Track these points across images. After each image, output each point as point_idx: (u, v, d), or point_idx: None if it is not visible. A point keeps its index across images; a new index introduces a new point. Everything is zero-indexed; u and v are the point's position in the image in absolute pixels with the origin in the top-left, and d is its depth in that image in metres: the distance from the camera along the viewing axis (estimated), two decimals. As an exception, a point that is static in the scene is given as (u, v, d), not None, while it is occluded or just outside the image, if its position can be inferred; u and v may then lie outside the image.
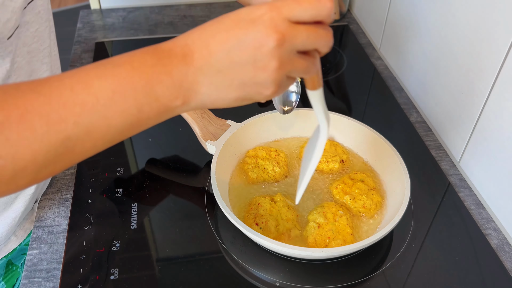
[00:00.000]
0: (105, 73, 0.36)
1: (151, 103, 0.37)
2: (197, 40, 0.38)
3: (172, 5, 1.21)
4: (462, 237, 0.65)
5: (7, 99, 0.34)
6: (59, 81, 0.35)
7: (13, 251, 0.67)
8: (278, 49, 0.37)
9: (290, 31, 0.37)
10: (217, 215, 0.66)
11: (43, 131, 0.34)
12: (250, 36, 0.36)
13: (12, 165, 0.34)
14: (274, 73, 0.38)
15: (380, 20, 1.03)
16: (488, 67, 0.67)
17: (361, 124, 0.73)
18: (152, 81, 0.36)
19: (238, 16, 0.38)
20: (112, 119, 0.36)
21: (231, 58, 0.37)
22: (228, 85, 0.38)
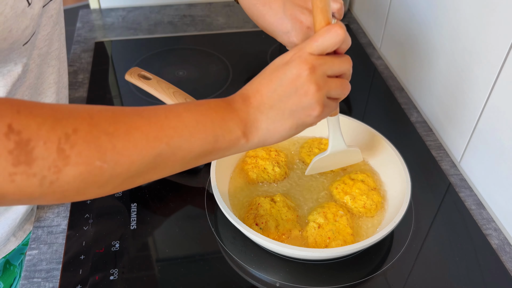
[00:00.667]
0: (190, 108, 0.44)
1: (224, 135, 0.45)
2: (249, 89, 0.47)
3: (172, 4, 1.21)
4: (463, 237, 0.65)
5: (117, 117, 0.40)
6: (155, 110, 0.43)
7: (12, 251, 0.67)
8: (312, 75, 0.45)
9: (317, 61, 0.46)
10: (217, 215, 0.66)
11: (142, 145, 0.41)
12: (288, 73, 0.45)
13: (111, 170, 0.39)
14: (315, 95, 0.46)
15: (380, 20, 1.03)
16: (488, 67, 0.67)
17: (362, 124, 0.73)
18: (226, 117, 0.45)
19: (274, 65, 0.47)
20: (194, 144, 0.44)
21: (278, 94, 0.46)
22: (281, 117, 0.47)
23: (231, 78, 0.94)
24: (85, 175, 0.38)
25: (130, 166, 0.40)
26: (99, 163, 0.38)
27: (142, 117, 0.41)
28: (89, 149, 0.38)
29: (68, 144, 0.37)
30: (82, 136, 0.38)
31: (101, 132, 0.39)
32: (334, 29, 0.45)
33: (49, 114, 0.37)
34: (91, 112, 0.39)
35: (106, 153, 0.39)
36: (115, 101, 0.87)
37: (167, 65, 0.98)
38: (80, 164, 0.37)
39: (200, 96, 0.85)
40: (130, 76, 0.77)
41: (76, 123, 0.38)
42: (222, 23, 1.14)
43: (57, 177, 0.37)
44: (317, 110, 0.47)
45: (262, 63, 0.99)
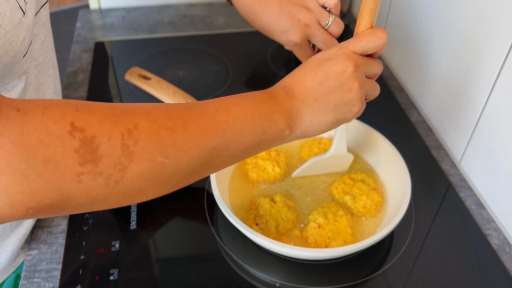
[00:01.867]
0: (237, 102, 0.45)
1: (271, 126, 0.46)
2: (292, 82, 0.48)
3: (172, 5, 1.21)
4: (463, 237, 0.65)
5: (171, 112, 0.40)
6: (205, 104, 0.43)
7: (21, 265, 0.66)
8: (356, 72, 0.48)
9: (360, 59, 0.48)
10: (217, 215, 0.66)
11: (199, 139, 0.41)
12: (333, 68, 0.47)
13: (172, 166, 0.39)
14: (358, 91, 0.48)
15: (380, 20, 1.03)
16: (489, 66, 0.67)
17: (362, 123, 0.72)
18: (271, 109, 0.46)
19: (316, 59, 0.48)
20: (245, 136, 0.44)
21: (323, 88, 0.47)
22: (325, 110, 0.48)
23: (231, 78, 0.94)
24: (148, 172, 0.38)
25: (189, 162, 0.41)
26: (161, 159, 0.38)
27: (195, 112, 0.42)
28: (151, 145, 0.38)
29: (131, 140, 0.36)
30: (144, 131, 0.37)
31: (161, 127, 0.39)
32: (379, 32, 0.48)
33: (108, 111, 0.37)
34: (146, 108, 0.39)
35: (167, 148, 0.39)
36: (115, 101, 0.87)
37: (167, 65, 0.98)
38: (144, 160, 0.37)
39: (200, 96, 0.85)
40: (130, 76, 0.77)
41: (135, 118, 0.37)
42: (222, 23, 1.14)
43: (122, 175, 0.36)
44: (358, 107, 0.49)
45: (262, 63, 0.99)
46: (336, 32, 0.62)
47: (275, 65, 0.99)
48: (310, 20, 0.61)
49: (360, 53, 0.49)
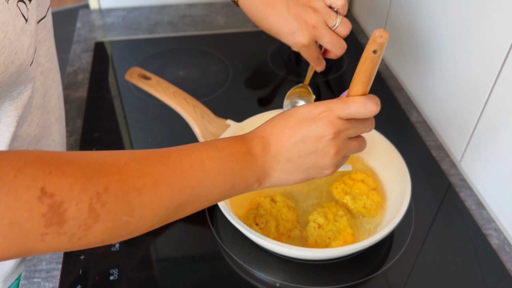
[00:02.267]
0: (213, 156, 0.45)
1: (241, 182, 0.46)
2: (271, 135, 0.48)
3: (172, 4, 1.21)
4: (463, 237, 0.65)
5: (144, 168, 0.40)
6: (180, 157, 0.43)
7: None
8: (334, 140, 0.47)
9: (342, 126, 0.47)
10: (217, 215, 0.66)
11: (167, 198, 0.41)
12: (312, 132, 0.46)
13: (136, 223, 0.40)
14: (333, 158, 0.48)
15: (380, 20, 1.03)
16: (489, 66, 0.67)
17: (362, 124, 0.72)
18: (244, 165, 0.46)
19: (300, 115, 0.47)
20: (213, 192, 0.45)
21: (298, 150, 0.47)
22: (295, 170, 0.48)
23: (231, 78, 0.94)
24: (111, 230, 0.39)
25: (153, 218, 0.42)
26: (126, 218, 0.39)
27: (168, 167, 0.42)
28: (118, 206, 0.38)
29: (99, 203, 0.37)
30: (113, 193, 0.38)
31: (130, 188, 0.39)
32: (370, 104, 0.46)
33: (80, 173, 0.37)
34: (120, 165, 0.40)
35: (134, 209, 0.39)
36: (115, 101, 0.87)
37: (167, 65, 0.98)
38: (108, 220, 0.38)
39: (200, 96, 0.85)
40: (130, 76, 0.77)
41: (107, 180, 0.38)
42: (222, 23, 1.14)
43: (86, 233, 0.37)
44: (330, 171, 0.49)
45: (262, 63, 0.99)
46: (343, 33, 0.62)
47: (275, 65, 0.99)
48: (317, 21, 0.61)
49: (345, 118, 0.47)
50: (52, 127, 0.62)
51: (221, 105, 0.86)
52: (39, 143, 0.59)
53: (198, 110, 0.72)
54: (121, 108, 0.86)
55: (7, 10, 0.42)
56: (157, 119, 0.83)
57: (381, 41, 0.43)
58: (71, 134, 0.80)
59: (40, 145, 0.59)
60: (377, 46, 0.43)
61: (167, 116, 0.81)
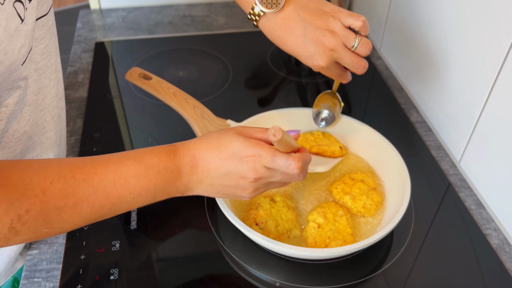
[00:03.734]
0: (139, 174, 0.48)
1: (163, 195, 0.51)
2: (201, 158, 0.51)
3: (172, 5, 1.21)
4: (463, 237, 0.65)
5: (66, 188, 0.44)
6: (105, 174, 0.46)
7: (19, 270, 0.66)
8: (254, 183, 0.51)
9: (265, 173, 0.51)
10: (217, 215, 0.66)
11: (87, 213, 0.45)
12: (236, 170, 0.50)
13: (56, 232, 0.45)
14: (250, 193, 0.53)
15: (380, 20, 1.03)
16: (488, 66, 0.67)
17: (361, 124, 0.73)
18: (169, 182, 0.50)
19: (232, 150, 0.51)
20: (134, 204, 0.49)
21: (221, 179, 0.52)
22: (216, 193, 0.54)
23: (231, 78, 0.94)
24: (31, 238, 0.44)
25: (73, 227, 0.46)
26: (45, 230, 0.44)
27: (92, 186, 0.45)
28: (38, 223, 0.42)
29: (20, 223, 0.41)
30: (34, 214, 0.42)
31: (51, 209, 0.43)
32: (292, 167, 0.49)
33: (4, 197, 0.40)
34: (44, 186, 0.43)
35: (53, 223, 0.44)
36: (115, 101, 0.88)
37: (167, 65, 0.98)
38: (29, 233, 0.42)
39: (200, 96, 0.85)
40: (130, 76, 0.77)
41: (29, 203, 0.41)
42: (222, 23, 1.14)
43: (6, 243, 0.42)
44: (247, 199, 0.55)
45: (262, 63, 1.00)
46: (363, 53, 0.61)
47: (275, 65, 0.99)
48: (335, 44, 0.61)
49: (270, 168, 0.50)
50: (47, 125, 0.62)
51: (221, 105, 0.86)
52: (31, 140, 0.59)
53: (198, 110, 0.72)
54: (121, 108, 0.86)
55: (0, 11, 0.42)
56: (157, 119, 0.83)
57: (274, 139, 0.46)
58: (71, 134, 0.80)
59: (32, 142, 0.60)
60: (272, 142, 0.47)
61: (167, 116, 0.81)
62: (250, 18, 0.65)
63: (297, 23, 0.62)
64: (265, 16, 0.64)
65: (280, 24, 0.63)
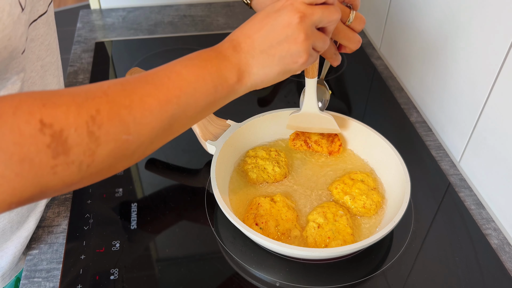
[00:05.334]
0: (186, 64, 0.46)
1: (222, 83, 0.47)
2: (240, 35, 0.49)
3: (172, 5, 1.21)
4: (462, 237, 0.65)
5: (127, 89, 0.42)
6: (156, 74, 0.45)
7: (22, 270, 0.66)
8: (302, 24, 0.48)
9: (307, 10, 0.48)
10: (217, 215, 0.66)
11: (157, 110, 0.43)
12: (279, 20, 0.48)
13: (136, 141, 0.42)
14: (303, 43, 0.48)
15: (380, 20, 1.03)
16: (488, 66, 0.67)
17: (361, 124, 0.73)
18: (220, 66, 0.47)
19: (265, 11, 0.49)
20: (199, 98, 0.46)
21: (269, 40, 0.48)
22: (271, 62, 0.49)
23: (231, 78, 0.94)
24: (115, 151, 0.41)
25: (151, 133, 0.43)
26: (125, 136, 0.41)
27: (148, 83, 0.43)
28: (114, 126, 0.40)
29: (96, 125, 0.39)
30: (106, 114, 0.40)
31: (120, 107, 0.41)
32: None
33: (70, 100, 0.38)
34: (104, 89, 0.41)
35: (129, 126, 0.41)
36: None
37: (167, 65, 0.98)
38: (109, 141, 0.40)
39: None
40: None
41: (96, 103, 0.39)
42: (222, 23, 1.14)
43: (93, 159, 0.39)
44: (303, 58, 0.50)
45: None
46: (358, 28, 0.62)
47: (275, 65, 0.99)
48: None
49: (308, 2, 0.49)
50: None
51: (221, 105, 0.86)
52: None
53: (198, 110, 0.72)
54: (122, 108, 0.86)
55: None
56: (157, 119, 0.83)
57: None
58: (72, 134, 0.80)
59: None
60: None
61: (167, 116, 0.81)
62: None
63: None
64: None
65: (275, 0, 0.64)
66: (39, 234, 0.64)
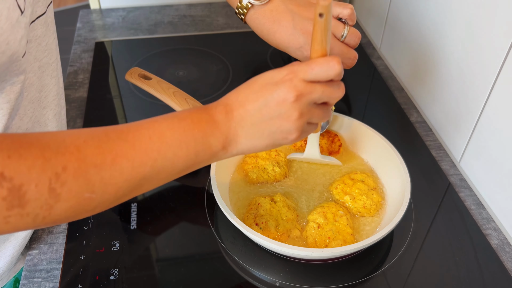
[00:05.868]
0: (173, 126, 0.45)
1: (205, 150, 0.46)
2: (235, 101, 0.47)
3: (172, 5, 1.21)
4: (463, 237, 0.65)
5: (102, 145, 0.41)
6: (139, 131, 0.43)
7: (21, 269, 0.66)
8: (297, 103, 0.46)
9: (306, 88, 0.46)
10: (217, 215, 0.66)
11: (128, 172, 0.42)
12: (275, 95, 0.46)
13: (99, 199, 0.41)
14: (296, 121, 0.47)
15: (380, 20, 1.03)
16: (488, 66, 0.67)
17: (361, 124, 0.73)
18: (207, 132, 0.46)
19: (264, 80, 0.47)
20: (177, 162, 0.45)
21: (261, 114, 0.46)
22: (260, 135, 0.48)
23: (231, 78, 0.94)
24: (75, 207, 0.40)
25: (117, 192, 0.42)
26: (88, 194, 0.40)
27: (127, 142, 0.42)
28: (78, 185, 0.39)
29: (59, 183, 0.38)
30: (72, 172, 0.39)
31: (89, 166, 0.40)
32: (332, 62, 0.46)
33: (38, 154, 0.38)
34: (78, 144, 0.40)
35: (94, 185, 0.40)
36: (115, 101, 0.88)
37: (167, 65, 0.98)
38: (70, 199, 0.39)
39: (200, 96, 0.85)
40: (130, 76, 0.77)
41: (65, 159, 0.39)
42: (222, 23, 1.14)
43: (49, 212, 0.39)
44: (295, 135, 0.48)
45: (262, 63, 0.99)
46: (353, 43, 0.61)
47: (275, 65, 0.99)
48: None
49: (309, 81, 0.46)
50: (49, 123, 0.62)
51: (221, 105, 0.86)
52: None
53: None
54: (121, 108, 0.86)
55: (1, 1, 0.42)
56: (157, 119, 0.83)
57: (325, 3, 0.43)
58: (71, 134, 0.80)
59: None
60: (321, 8, 0.44)
61: (167, 116, 0.81)
62: (238, 12, 0.65)
63: (285, 14, 0.62)
64: (253, 8, 0.64)
65: (268, 16, 0.63)
66: (38, 234, 0.64)
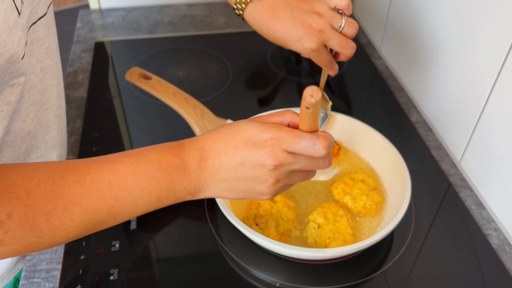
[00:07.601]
0: (138, 171, 0.43)
1: (169, 197, 0.45)
2: (212, 150, 0.45)
3: (172, 4, 1.21)
4: (463, 237, 0.65)
5: (54, 189, 0.39)
6: (99, 173, 0.41)
7: (21, 270, 0.66)
8: (275, 171, 0.44)
9: (287, 159, 0.44)
10: (217, 215, 0.66)
11: (81, 219, 0.40)
12: (253, 158, 0.44)
13: (47, 242, 0.40)
14: (271, 186, 0.45)
15: (380, 20, 1.03)
16: (488, 66, 0.67)
17: (362, 123, 0.73)
18: (174, 181, 0.44)
19: (246, 136, 0.44)
20: (137, 208, 0.44)
21: (236, 172, 0.45)
22: (231, 190, 0.46)
23: (231, 78, 0.94)
24: (19, 250, 0.39)
25: (67, 236, 0.41)
26: (35, 239, 0.39)
27: (83, 186, 0.40)
28: (24, 231, 0.38)
29: (2, 230, 0.37)
30: (17, 220, 0.38)
31: (37, 213, 0.38)
32: (318, 146, 0.43)
33: None
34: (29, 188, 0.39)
35: (42, 231, 0.39)
36: (115, 101, 0.87)
37: (167, 65, 0.98)
38: (14, 243, 0.38)
39: (200, 96, 0.85)
40: (130, 76, 0.77)
41: (11, 207, 0.37)
42: (222, 23, 1.14)
43: None
44: (267, 197, 0.47)
45: (262, 63, 0.99)
46: (350, 33, 0.62)
47: (275, 65, 0.99)
48: (323, 25, 0.61)
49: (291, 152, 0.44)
50: (51, 125, 0.62)
51: (221, 105, 0.86)
52: (35, 139, 0.59)
53: (198, 110, 0.72)
54: (121, 108, 0.86)
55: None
56: (157, 119, 0.83)
57: (312, 101, 0.40)
58: (71, 134, 0.80)
59: (36, 142, 0.59)
60: (308, 104, 0.41)
61: (167, 116, 0.81)
62: (236, 8, 0.65)
63: (284, 8, 0.62)
64: (251, 3, 0.64)
65: (267, 10, 0.63)
66: (38, 234, 0.64)
